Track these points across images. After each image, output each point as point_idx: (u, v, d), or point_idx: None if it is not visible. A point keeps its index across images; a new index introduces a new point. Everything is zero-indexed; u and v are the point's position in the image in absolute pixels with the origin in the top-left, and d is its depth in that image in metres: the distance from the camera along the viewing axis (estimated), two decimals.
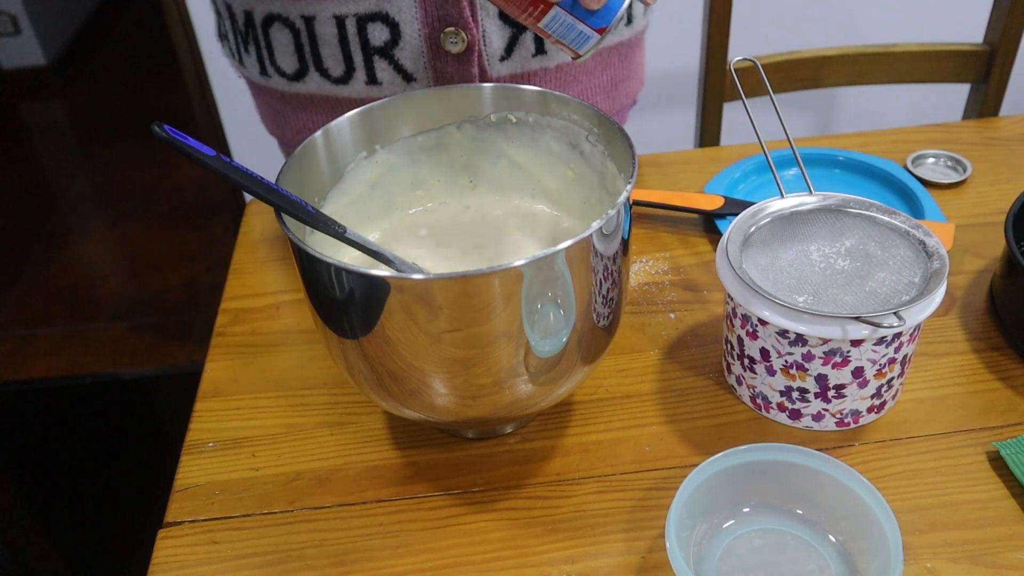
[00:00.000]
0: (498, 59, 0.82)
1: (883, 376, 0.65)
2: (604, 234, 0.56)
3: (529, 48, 0.83)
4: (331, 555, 0.63)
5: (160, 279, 2.39)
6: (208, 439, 0.73)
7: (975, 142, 1.01)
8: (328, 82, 0.85)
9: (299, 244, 0.54)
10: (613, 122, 0.65)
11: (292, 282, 0.89)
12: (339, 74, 0.84)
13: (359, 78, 0.83)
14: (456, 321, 0.54)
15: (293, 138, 0.94)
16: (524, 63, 0.83)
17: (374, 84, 0.84)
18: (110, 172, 2.89)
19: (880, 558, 0.55)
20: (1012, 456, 0.64)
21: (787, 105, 0.84)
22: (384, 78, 0.83)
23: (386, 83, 0.84)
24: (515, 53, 0.82)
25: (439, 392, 0.59)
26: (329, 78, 0.85)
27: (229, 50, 0.94)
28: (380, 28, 0.80)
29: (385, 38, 0.80)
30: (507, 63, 0.83)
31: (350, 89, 0.85)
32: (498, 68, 0.83)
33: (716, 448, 0.62)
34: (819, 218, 0.70)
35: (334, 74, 0.84)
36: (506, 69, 0.83)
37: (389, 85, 0.84)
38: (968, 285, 0.81)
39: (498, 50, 0.82)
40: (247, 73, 0.92)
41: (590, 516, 0.64)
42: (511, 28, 0.81)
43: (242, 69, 0.93)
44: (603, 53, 0.89)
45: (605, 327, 0.62)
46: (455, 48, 0.79)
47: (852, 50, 1.27)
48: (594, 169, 0.69)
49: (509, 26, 0.81)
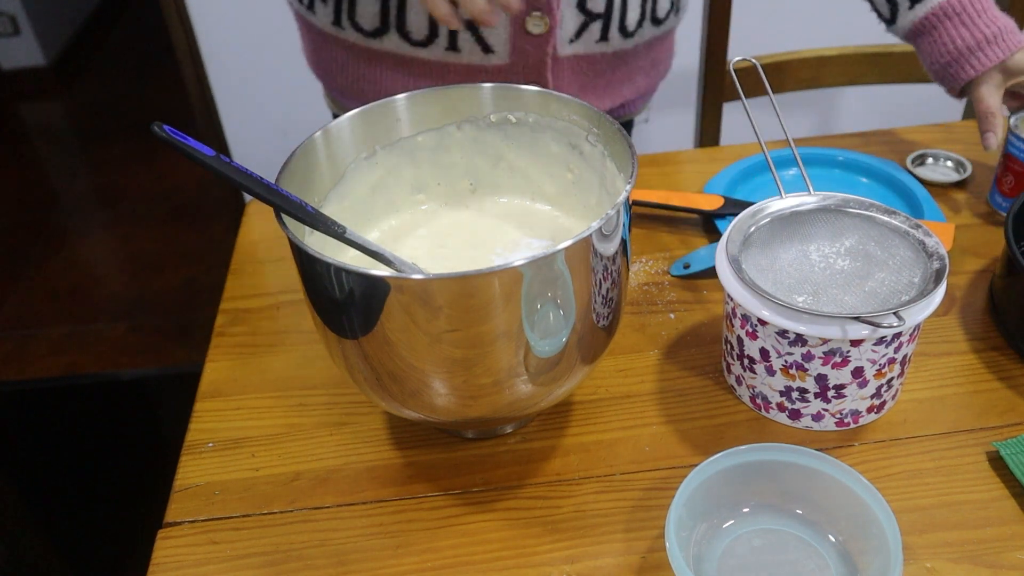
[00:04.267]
0: (568, 42, 0.89)
1: (883, 376, 0.65)
2: (604, 234, 0.56)
3: (595, 34, 0.90)
4: (331, 555, 0.63)
5: (160, 279, 2.39)
6: (208, 439, 0.73)
7: (975, 142, 1.01)
8: (407, 43, 0.89)
9: (299, 244, 0.54)
10: (612, 122, 0.65)
11: (292, 282, 0.89)
12: (421, 38, 0.88)
13: (440, 44, 0.87)
14: (456, 321, 0.54)
15: (348, 86, 0.96)
16: (588, 47, 0.91)
17: (453, 51, 0.88)
18: (110, 172, 2.89)
19: (880, 558, 0.55)
20: (1012, 456, 0.64)
21: (787, 105, 0.84)
22: (464, 47, 0.88)
23: (465, 51, 0.88)
24: (583, 37, 0.90)
25: (439, 392, 0.59)
26: (409, 40, 0.88)
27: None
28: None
29: None
30: (574, 45, 0.90)
31: (428, 52, 0.88)
32: (567, 49, 0.90)
33: (716, 448, 0.62)
34: (819, 218, 0.70)
35: (416, 37, 0.88)
36: (571, 51, 0.90)
37: (468, 54, 0.88)
38: (968, 285, 0.81)
39: (569, 33, 0.89)
40: (316, 20, 0.94)
41: (590, 516, 0.64)
42: (583, 15, 0.88)
43: (309, 15, 0.95)
44: (649, 40, 0.97)
45: (605, 327, 0.62)
46: (536, 30, 0.87)
47: (852, 50, 1.28)
48: (594, 169, 0.69)
49: (582, 14, 0.88)
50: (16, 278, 2.44)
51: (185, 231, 2.58)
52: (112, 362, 2.13)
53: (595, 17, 0.88)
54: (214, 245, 2.47)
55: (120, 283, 2.43)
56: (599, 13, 0.88)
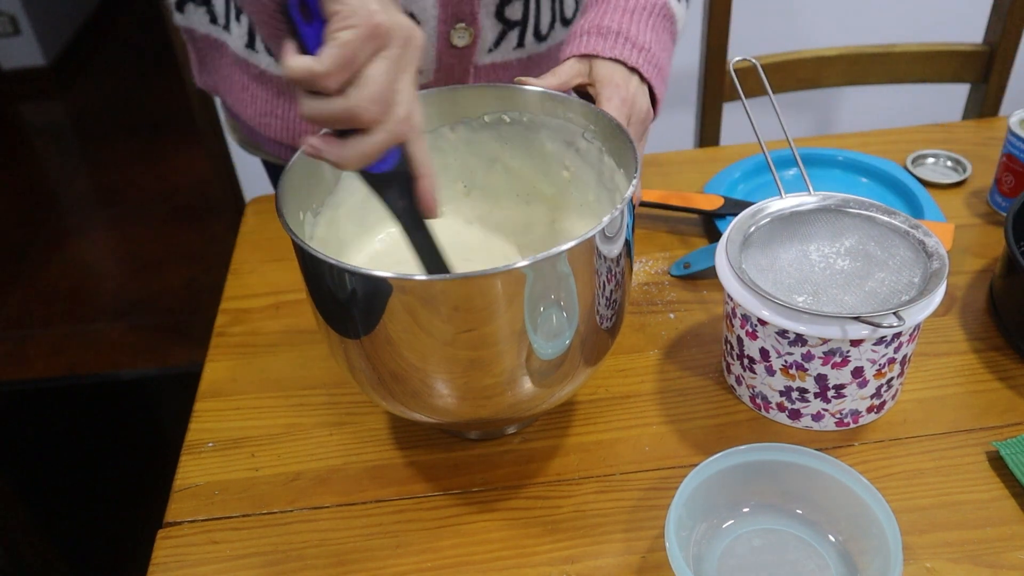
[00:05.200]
0: (487, 51, 0.87)
1: (883, 376, 0.65)
2: (607, 236, 0.56)
3: (512, 41, 0.88)
4: (331, 555, 0.63)
5: (160, 279, 2.39)
6: (208, 439, 0.73)
7: (975, 142, 1.01)
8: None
9: (301, 244, 0.54)
10: (612, 120, 0.64)
11: (292, 282, 0.89)
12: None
13: None
14: (459, 322, 0.54)
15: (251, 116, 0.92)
16: (505, 54, 0.88)
17: None
18: (110, 172, 2.89)
19: (880, 558, 0.55)
20: (1012, 456, 0.64)
21: (787, 105, 0.84)
22: None
23: None
24: (501, 46, 0.87)
25: (440, 393, 0.59)
26: None
27: (211, 14, 0.91)
28: None
29: None
30: (492, 54, 0.88)
31: None
32: (485, 59, 0.87)
33: (716, 448, 0.62)
34: (819, 218, 0.70)
35: None
36: (490, 59, 0.88)
37: None
38: (968, 285, 0.81)
39: (488, 43, 0.86)
40: (229, 40, 0.89)
41: (590, 516, 0.64)
42: (501, 24, 0.86)
43: (221, 33, 0.90)
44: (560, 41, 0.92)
45: (608, 329, 0.62)
46: (461, 42, 0.83)
47: (852, 50, 1.27)
48: (591, 166, 0.69)
49: (500, 22, 0.85)
50: (16, 278, 2.44)
51: (185, 231, 2.58)
52: (112, 362, 2.13)
53: (513, 25, 0.86)
54: (214, 245, 2.47)
55: (120, 283, 2.43)
56: (517, 20, 0.86)
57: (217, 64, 0.95)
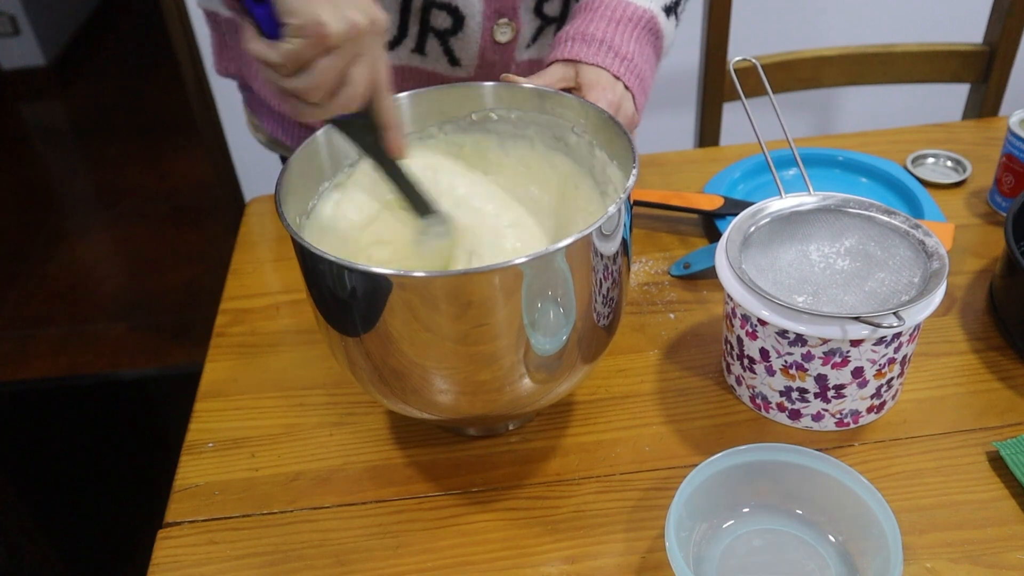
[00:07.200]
0: (525, 47, 0.88)
1: (883, 376, 0.65)
2: (604, 233, 0.56)
3: (549, 37, 0.89)
4: (331, 555, 0.63)
5: (160, 279, 2.39)
6: (208, 439, 0.73)
7: (975, 142, 1.01)
8: None
9: (301, 242, 0.54)
10: (602, 112, 0.64)
11: (292, 282, 0.89)
12: (388, 38, 0.84)
13: (407, 45, 0.84)
14: (457, 318, 0.54)
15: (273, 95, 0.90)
16: (541, 51, 0.89)
17: (419, 53, 0.85)
18: (110, 172, 2.88)
19: (880, 558, 0.55)
20: (1012, 456, 0.64)
21: (787, 105, 0.84)
22: (431, 53, 0.85)
23: (431, 58, 0.85)
24: (538, 41, 0.88)
25: (440, 389, 0.59)
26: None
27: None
28: (443, 16, 0.81)
29: (446, 25, 0.82)
30: (529, 51, 0.88)
31: (394, 56, 0.85)
32: (523, 55, 0.88)
33: (716, 448, 0.62)
34: (819, 218, 0.70)
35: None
36: (527, 56, 0.89)
37: (433, 61, 0.85)
38: (968, 285, 0.81)
39: (527, 39, 0.87)
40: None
41: (590, 516, 0.64)
42: (540, 20, 0.86)
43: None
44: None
45: (605, 326, 0.62)
46: (504, 38, 0.85)
47: (852, 50, 1.27)
48: (582, 161, 0.69)
49: (539, 18, 0.86)
50: (16, 278, 2.44)
51: (185, 231, 2.58)
52: (112, 362, 2.13)
53: (551, 21, 0.87)
54: (214, 245, 2.47)
55: (120, 283, 2.43)
56: (554, 17, 0.87)
57: (240, 47, 0.95)
